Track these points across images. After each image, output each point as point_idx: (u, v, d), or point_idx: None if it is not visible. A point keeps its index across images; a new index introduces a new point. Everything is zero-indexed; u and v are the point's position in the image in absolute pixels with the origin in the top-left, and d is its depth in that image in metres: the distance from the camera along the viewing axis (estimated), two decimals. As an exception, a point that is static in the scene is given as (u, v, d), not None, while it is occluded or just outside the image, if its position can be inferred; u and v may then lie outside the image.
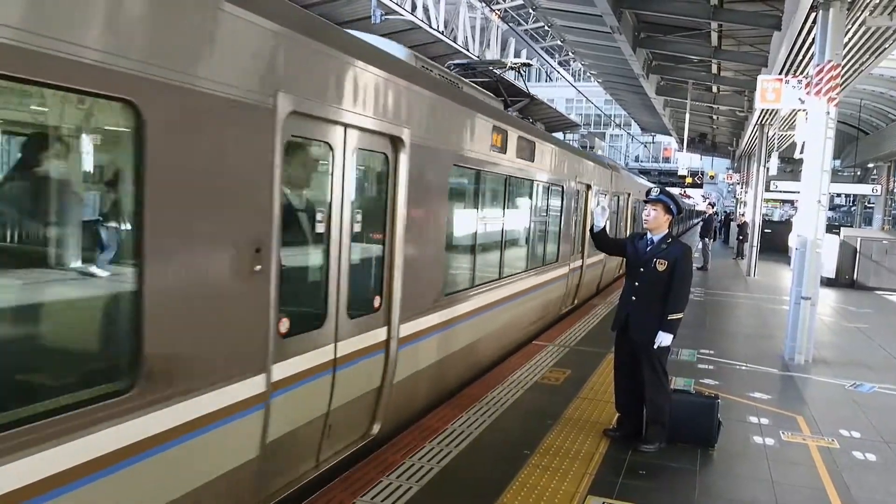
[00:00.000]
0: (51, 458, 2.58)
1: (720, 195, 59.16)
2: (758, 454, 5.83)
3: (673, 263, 5.54)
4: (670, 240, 5.70)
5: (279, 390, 3.94)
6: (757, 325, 12.58)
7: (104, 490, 2.82)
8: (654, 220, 5.68)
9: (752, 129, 22.52)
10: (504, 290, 8.25)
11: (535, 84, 58.71)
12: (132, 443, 2.93)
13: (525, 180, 8.95)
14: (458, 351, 6.86)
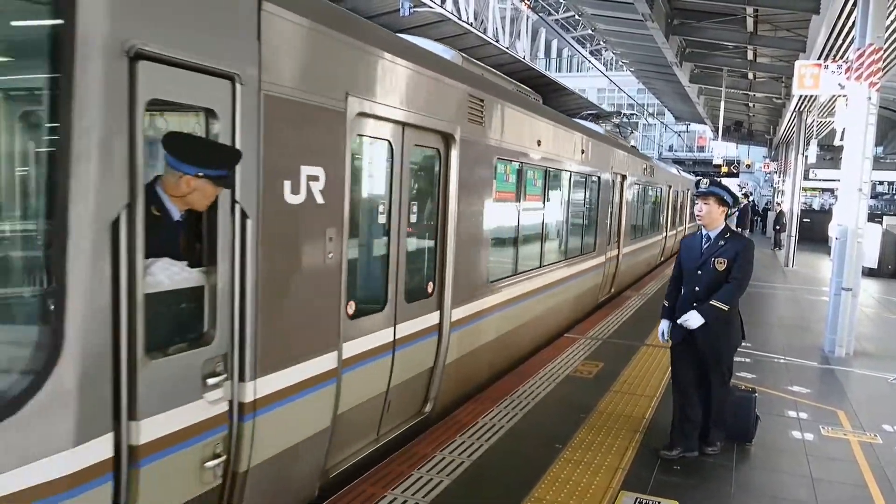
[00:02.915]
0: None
1: (757, 184, 57.92)
2: (797, 450, 5.70)
3: (734, 260, 5.13)
4: (728, 234, 5.24)
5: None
6: (795, 317, 12.31)
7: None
8: (708, 214, 5.24)
9: (789, 116, 22.01)
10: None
11: (565, 74, 58.23)
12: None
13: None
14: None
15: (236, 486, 3.48)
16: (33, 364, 2.51)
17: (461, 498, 4.48)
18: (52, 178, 2.56)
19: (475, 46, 12.16)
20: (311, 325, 3.98)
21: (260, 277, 3.46)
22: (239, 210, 3.33)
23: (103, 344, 2.68)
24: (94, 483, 2.67)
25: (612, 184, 12.03)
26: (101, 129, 2.59)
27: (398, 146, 4.87)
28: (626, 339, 9.24)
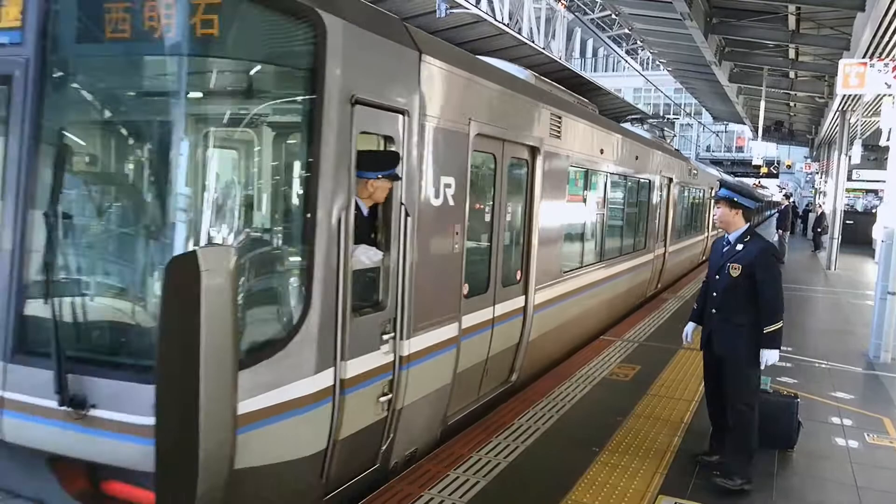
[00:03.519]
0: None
1: (797, 185, 56.69)
2: (841, 457, 5.57)
3: (749, 266, 4.83)
4: (748, 238, 4.96)
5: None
6: (838, 321, 12.04)
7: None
8: (721, 218, 5.06)
9: (832, 115, 21.49)
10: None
11: (601, 74, 57.71)
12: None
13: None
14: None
15: (394, 420, 4.51)
16: (292, 317, 3.60)
17: (497, 499, 4.48)
18: (308, 187, 3.62)
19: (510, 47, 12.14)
20: (443, 300, 5.04)
21: (414, 261, 4.50)
22: (403, 210, 4.40)
23: (331, 305, 3.71)
24: (322, 402, 3.73)
25: (660, 186, 12.91)
26: (336, 153, 3.67)
27: (500, 158, 5.90)
28: (663, 342, 9.14)
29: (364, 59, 3.93)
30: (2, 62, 3.49)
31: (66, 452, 3.38)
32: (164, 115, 3.46)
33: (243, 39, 3.43)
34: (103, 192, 3.96)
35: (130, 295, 3.67)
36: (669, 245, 14.14)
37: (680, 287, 14.73)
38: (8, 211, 3.50)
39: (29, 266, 3.50)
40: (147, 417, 3.07)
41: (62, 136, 3.64)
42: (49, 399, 3.28)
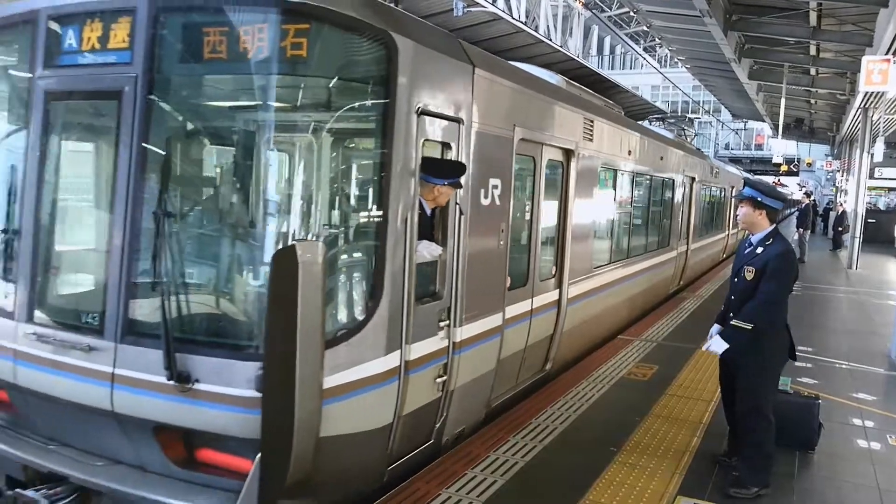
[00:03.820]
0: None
1: (818, 183, 56.02)
2: (862, 458, 5.51)
3: (763, 270, 4.64)
4: (770, 241, 4.73)
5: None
6: (860, 322, 11.89)
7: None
8: (744, 218, 4.86)
9: (854, 113, 21.21)
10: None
11: (618, 71, 57.39)
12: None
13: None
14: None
15: (447, 400, 4.93)
16: (367, 304, 4.05)
17: (514, 499, 4.48)
18: (378, 188, 4.06)
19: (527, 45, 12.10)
20: (490, 292, 5.45)
21: (466, 255, 4.93)
22: (458, 209, 4.82)
23: (399, 294, 4.14)
24: (390, 381, 4.17)
25: (683, 185, 13.22)
26: (405, 159, 4.10)
27: (539, 161, 6.29)
28: (681, 342, 9.08)
29: (427, 74, 4.37)
30: (113, 79, 3.89)
31: (172, 422, 3.76)
32: (256, 127, 3.94)
33: (327, 59, 3.87)
34: (202, 195, 4.47)
35: (227, 285, 4.13)
36: (692, 243, 14.44)
37: (699, 286, 14.63)
38: (118, 211, 3.88)
39: (136, 260, 3.87)
40: (244, 390, 3.54)
41: (166, 144, 4.03)
42: (157, 375, 3.66)
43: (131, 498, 3.81)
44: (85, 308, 4.05)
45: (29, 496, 3.93)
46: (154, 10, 3.78)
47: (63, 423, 4.19)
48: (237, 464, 3.74)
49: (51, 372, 4.00)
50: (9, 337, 4.19)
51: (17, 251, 4.24)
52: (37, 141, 4.17)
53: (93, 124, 4.46)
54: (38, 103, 4.15)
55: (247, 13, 3.65)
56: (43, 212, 4.21)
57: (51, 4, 4.12)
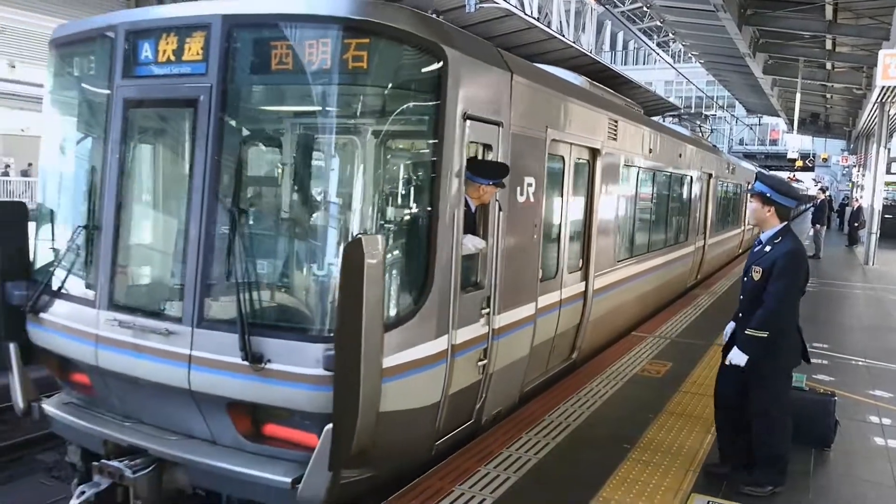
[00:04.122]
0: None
1: (833, 179, 55.46)
2: (879, 456, 5.47)
3: (769, 270, 4.48)
4: (779, 239, 4.57)
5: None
6: (877, 318, 11.77)
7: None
8: (752, 215, 4.73)
9: (870, 107, 20.97)
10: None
11: (631, 67, 57.05)
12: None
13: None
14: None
15: (487, 383, 5.28)
16: (420, 292, 4.38)
17: (527, 495, 4.48)
18: (430, 186, 4.42)
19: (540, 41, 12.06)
20: (525, 283, 5.80)
21: (504, 248, 5.28)
22: (498, 206, 5.15)
23: (447, 283, 4.52)
24: (439, 363, 4.54)
25: (701, 182, 13.46)
26: (453, 160, 4.46)
27: (568, 160, 6.63)
28: (694, 339, 9.03)
29: (472, 81, 4.73)
30: (189, 88, 4.29)
31: (245, 398, 4.13)
32: (319, 132, 4.40)
33: (384, 69, 4.25)
34: (272, 193, 4.84)
35: (296, 275, 4.53)
36: (709, 238, 14.68)
37: (713, 283, 14.54)
38: (194, 208, 4.26)
39: (212, 253, 4.24)
40: (312, 368, 3.91)
41: (237, 147, 4.44)
42: (232, 356, 4.03)
43: (206, 468, 4.22)
44: (164, 296, 4.47)
45: (114, 466, 4.34)
46: (227, 26, 4.17)
47: (140, 401, 4.61)
48: (299, 437, 4.16)
49: (131, 354, 4.40)
50: (90, 323, 4.56)
51: (98, 245, 4.63)
52: (116, 144, 4.56)
53: (167, 129, 4.89)
54: (117, 110, 4.55)
55: (312, 29, 4.04)
56: (122, 209, 4.61)
57: (129, 20, 4.54)
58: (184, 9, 4.43)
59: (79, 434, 4.80)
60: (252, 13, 4.24)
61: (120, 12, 4.69)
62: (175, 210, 4.69)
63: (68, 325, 4.73)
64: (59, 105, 5.28)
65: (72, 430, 4.84)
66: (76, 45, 4.95)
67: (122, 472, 4.29)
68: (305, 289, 4.44)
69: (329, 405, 3.75)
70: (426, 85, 4.41)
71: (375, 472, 4.34)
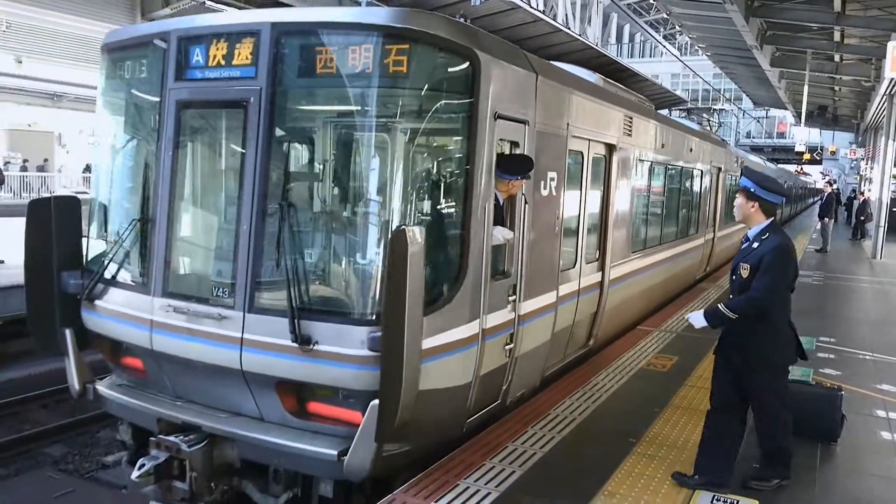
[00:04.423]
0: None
1: (841, 172, 55.13)
2: (885, 450, 5.45)
3: (757, 265, 4.38)
4: (766, 235, 4.46)
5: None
6: (884, 312, 11.72)
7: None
8: (738, 211, 4.63)
9: (879, 99, 20.84)
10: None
11: (638, 60, 56.79)
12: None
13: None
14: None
15: (513, 365, 5.54)
16: (455, 279, 4.67)
17: (532, 489, 4.49)
18: (464, 181, 4.71)
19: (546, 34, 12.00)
20: (547, 272, 6.08)
21: (529, 239, 5.56)
22: (523, 199, 5.43)
23: (479, 272, 4.79)
24: (472, 345, 4.82)
25: (710, 175, 13.73)
26: (485, 156, 4.75)
27: (586, 155, 6.91)
28: (700, 333, 8.97)
29: (501, 83, 4.98)
30: (240, 91, 4.59)
31: (294, 377, 4.46)
32: (361, 130, 4.70)
33: (422, 73, 4.53)
34: (318, 188, 5.18)
35: (342, 264, 4.83)
36: (718, 230, 14.97)
37: (720, 275, 14.52)
38: (245, 202, 4.56)
39: (262, 243, 4.53)
40: (358, 349, 4.22)
41: (286, 145, 4.81)
42: (282, 338, 4.33)
43: (257, 442, 4.56)
44: (216, 284, 4.75)
45: (171, 441, 4.65)
46: (276, 33, 4.48)
47: (191, 381, 4.94)
48: (341, 414, 4.51)
49: (185, 338, 4.71)
50: (145, 309, 4.89)
51: (152, 237, 4.94)
52: (169, 143, 4.87)
53: (217, 128, 5.17)
54: (170, 111, 4.86)
55: (356, 36, 4.35)
56: (175, 203, 4.93)
57: (181, 26, 4.87)
58: (233, 17, 4.88)
59: (133, 413, 5.14)
60: (300, 21, 4.63)
61: (171, 20, 5.05)
62: (225, 204, 5.00)
63: (124, 312, 5.04)
64: (111, 106, 5.57)
65: (126, 409, 5.19)
66: (128, 49, 5.26)
67: (178, 446, 4.61)
68: (350, 276, 4.74)
69: (372, 383, 4.10)
70: (460, 87, 4.70)
71: (413, 447, 4.61)
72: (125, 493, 6.95)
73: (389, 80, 4.38)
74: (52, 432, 8.31)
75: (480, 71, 4.68)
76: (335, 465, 4.30)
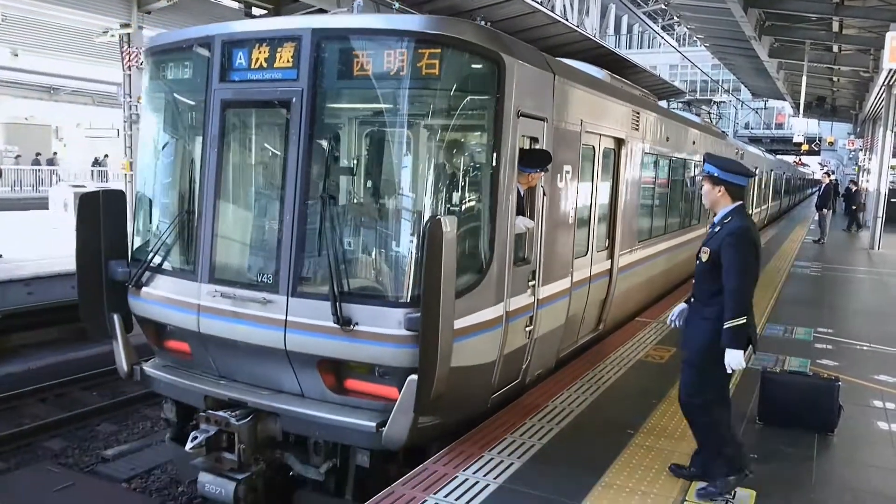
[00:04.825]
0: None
1: (840, 163, 55.06)
2: (882, 441, 5.47)
3: (717, 251, 4.26)
4: (729, 219, 4.36)
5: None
6: (882, 303, 11.74)
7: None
8: (705, 198, 4.54)
9: (878, 90, 20.81)
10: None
11: (636, 51, 56.62)
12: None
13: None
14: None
15: (532, 346, 5.94)
16: (482, 266, 5.07)
17: (530, 480, 4.51)
18: (491, 175, 5.05)
19: (544, 25, 11.96)
20: (562, 259, 6.43)
21: (545, 229, 5.94)
22: (542, 190, 5.83)
23: (503, 258, 5.19)
24: (497, 326, 5.23)
25: None
26: (510, 150, 5.12)
27: (597, 150, 7.28)
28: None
29: (524, 83, 5.30)
30: (283, 91, 4.92)
31: (335, 355, 4.83)
32: (397, 128, 4.96)
33: (453, 75, 4.88)
34: (358, 181, 5.52)
35: (380, 251, 5.12)
36: None
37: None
38: (288, 194, 4.88)
39: (304, 232, 4.86)
40: (395, 329, 4.57)
41: (326, 142, 5.06)
42: (324, 320, 4.67)
43: (300, 416, 4.90)
44: (261, 270, 5.11)
45: (221, 416, 5.03)
46: (317, 38, 4.82)
47: (236, 361, 5.28)
48: (376, 390, 4.88)
49: (231, 321, 5.05)
50: (192, 295, 5.21)
51: (199, 227, 5.26)
52: (215, 139, 5.20)
53: (259, 125, 5.53)
54: (215, 109, 5.19)
55: (391, 41, 4.69)
56: (220, 195, 5.26)
57: (224, 32, 5.21)
58: (274, 23, 5.30)
59: (180, 391, 5.48)
60: (339, 27, 4.99)
61: (214, 25, 5.41)
62: (269, 196, 5.37)
63: (172, 298, 5.37)
64: (155, 106, 5.92)
65: (173, 387, 5.52)
66: (173, 53, 5.60)
67: (228, 420, 4.99)
68: (387, 263, 5.05)
69: (408, 360, 4.50)
70: (487, 87, 5.06)
71: (443, 420, 4.96)
72: (125, 488, 6.98)
73: (422, 82, 4.72)
74: (51, 426, 8.32)
75: (505, 72, 5.03)
76: (374, 435, 4.63)
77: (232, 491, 4.95)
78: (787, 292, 11.60)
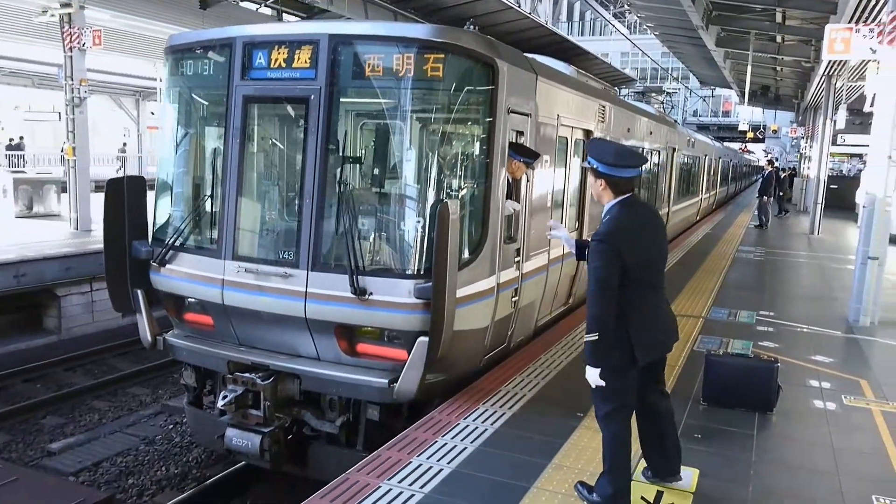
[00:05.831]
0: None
1: (783, 150, 56.77)
2: (818, 419, 5.72)
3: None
4: (607, 217, 3.92)
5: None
6: (820, 286, 12.21)
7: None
8: (589, 188, 4.22)
9: (818, 80, 21.49)
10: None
11: (588, 38, 57.13)
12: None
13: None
14: None
15: (517, 315, 6.70)
16: (479, 242, 5.76)
17: (483, 464, 4.59)
18: (486, 164, 5.74)
19: (495, 11, 11.96)
20: (541, 238, 6.96)
21: (529, 210, 6.70)
22: (525, 177, 6.48)
23: (496, 237, 5.92)
24: (490, 296, 5.95)
25: (666, 155, 15.13)
26: (501, 143, 5.80)
27: (570, 140, 7.99)
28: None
29: (514, 84, 5.99)
30: (302, 90, 5.55)
31: (352, 322, 5.50)
32: (405, 122, 5.58)
33: (454, 77, 5.53)
34: (367, 168, 6.07)
35: (392, 230, 5.72)
36: (672, 206, 16.32)
37: (672, 247, 14.85)
38: (308, 180, 5.53)
39: (322, 213, 5.50)
40: (406, 298, 5.26)
41: (341, 133, 5.74)
42: (342, 291, 5.33)
43: (320, 376, 5.55)
44: (282, 247, 5.78)
45: (247, 377, 5.63)
46: (333, 42, 5.45)
47: (256, 330, 5.90)
48: (386, 353, 5.56)
49: (255, 294, 5.67)
50: (217, 271, 5.82)
51: (223, 210, 5.85)
52: (237, 130, 5.80)
53: (277, 118, 6.18)
54: (237, 103, 5.78)
55: (401, 46, 5.35)
56: (243, 181, 5.85)
57: (244, 34, 5.79)
58: (293, 28, 6.07)
59: (203, 357, 6.09)
60: (354, 33, 5.60)
61: (234, 28, 5.96)
62: (289, 182, 6.02)
63: (196, 273, 5.94)
64: (174, 100, 6.45)
65: (195, 354, 6.13)
66: (194, 51, 6.11)
67: (254, 380, 5.60)
68: (398, 240, 5.69)
69: (417, 324, 5.21)
70: (484, 89, 5.71)
71: (447, 377, 5.63)
72: (72, 481, 6.83)
73: (427, 83, 5.43)
74: (52, 402, 8.09)
75: (498, 75, 5.71)
76: (386, 391, 5.29)
77: (258, 443, 5.53)
78: (731, 277, 11.95)
